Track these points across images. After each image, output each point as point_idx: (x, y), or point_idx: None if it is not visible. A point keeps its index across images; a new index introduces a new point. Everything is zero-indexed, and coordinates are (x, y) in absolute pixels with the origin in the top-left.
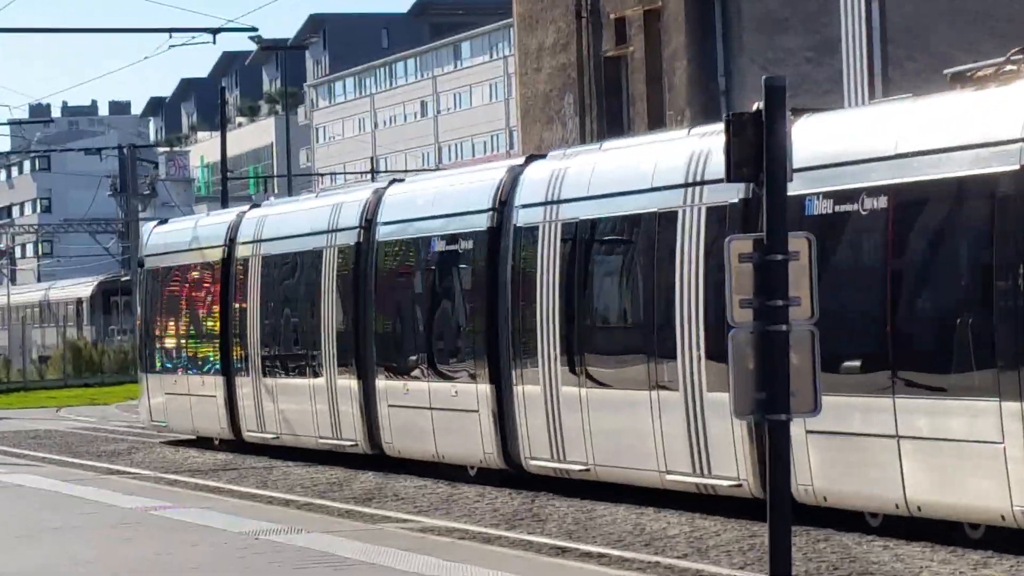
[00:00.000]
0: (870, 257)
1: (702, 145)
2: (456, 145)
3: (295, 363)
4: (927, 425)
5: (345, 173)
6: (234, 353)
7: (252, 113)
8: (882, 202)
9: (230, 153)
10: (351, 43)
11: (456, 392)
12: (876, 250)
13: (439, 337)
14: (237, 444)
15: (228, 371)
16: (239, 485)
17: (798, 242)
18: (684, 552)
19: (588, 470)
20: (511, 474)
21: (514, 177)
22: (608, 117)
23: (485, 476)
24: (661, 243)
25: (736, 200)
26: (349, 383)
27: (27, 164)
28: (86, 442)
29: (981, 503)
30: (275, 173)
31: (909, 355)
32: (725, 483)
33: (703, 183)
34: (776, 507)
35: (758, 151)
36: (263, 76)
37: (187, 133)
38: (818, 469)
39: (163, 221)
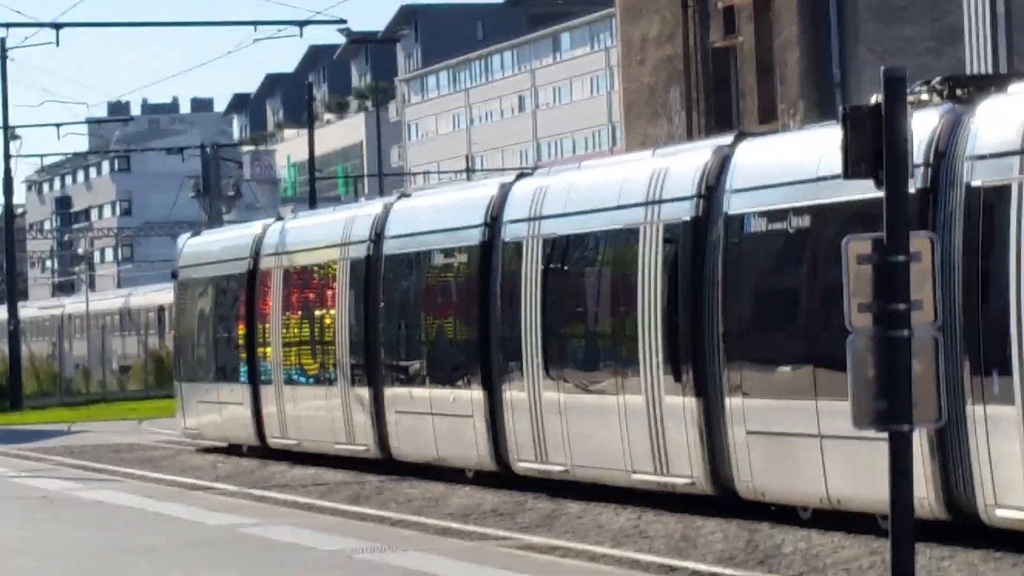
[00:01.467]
0: (797, 271)
1: (662, 164)
2: (556, 142)
3: (313, 372)
4: (845, 425)
5: (439, 172)
6: (259, 363)
7: (340, 110)
8: (807, 220)
9: (318, 152)
10: (444, 35)
11: (454, 398)
12: (801, 264)
13: (439, 346)
14: (263, 451)
15: (254, 380)
16: (329, 500)
17: (920, 242)
18: (800, 570)
19: (567, 471)
20: (503, 475)
21: (504, 194)
22: (716, 111)
23: (480, 478)
24: (626, 258)
25: (688, 218)
26: (361, 391)
27: (106, 165)
28: (169, 455)
29: (887, 496)
30: (365, 172)
31: (829, 361)
32: (681, 481)
33: (661, 201)
34: (898, 522)
35: (877, 146)
36: (352, 71)
37: (273, 131)
38: (757, 467)
39: (196, 232)
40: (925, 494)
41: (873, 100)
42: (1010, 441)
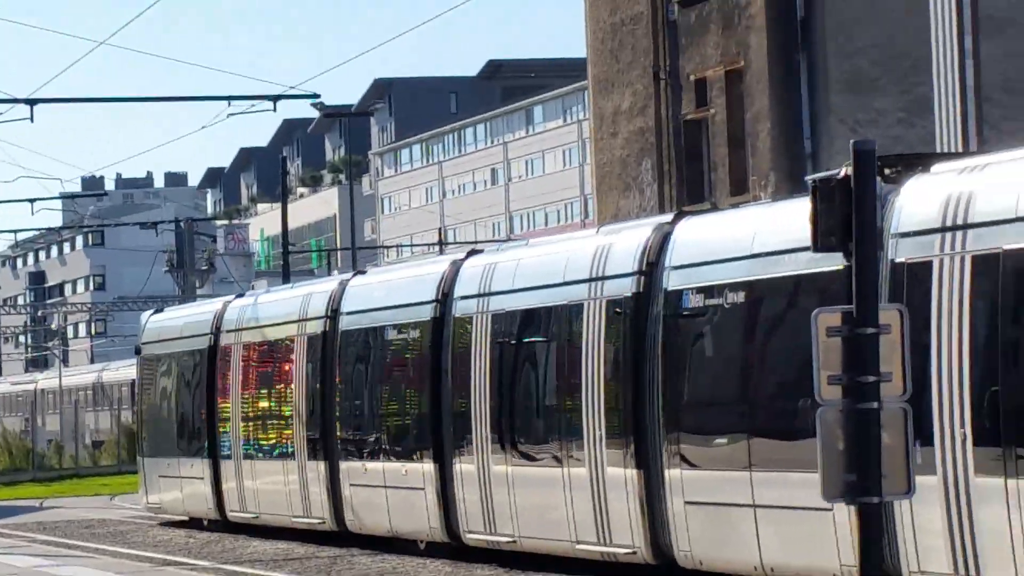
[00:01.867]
0: (732, 345)
1: (606, 242)
2: (528, 214)
3: (271, 446)
4: (776, 495)
5: (412, 245)
6: (219, 437)
7: (314, 183)
8: (741, 296)
9: (291, 225)
10: (418, 108)
11: (406, 471)
12: (737, 339)
13: (392, 420)
14: (223, 524)
15: (214, 454)
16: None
17: (889, 315)
18: None
19: (515, 541)
20: (454, 547)
21: (455, 270)
22: (688, 184)
23: (432, 550)
24: (571, 333)
25: (629, 294)
26: (317, 464)
27: (80, 239)
28: (139, 530)
29: (818, 563)
30: (338, 246)
31: (762, 432)
32: (623, 551)
33: (604, 278)
34: None
35: (846, 219)
36: (326, 144)
37: (246, 205)
38: (695, 536)
39: (159, 309)
40: (854, 560)
41: (842, 172)
42: (931, 509)
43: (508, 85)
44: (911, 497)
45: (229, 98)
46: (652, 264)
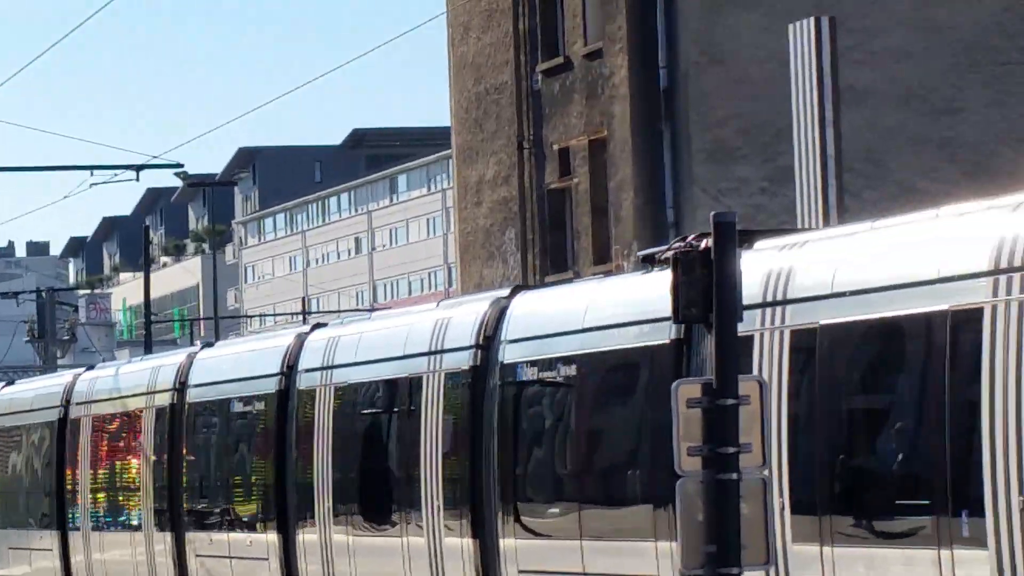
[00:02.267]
0: (564, 418)
1: (445, 315)
2: (392, 283)
3: (119, 518)
4: (604, 563)
5: (275, 315)
6: (68, 509)
7: (178, 252)
8: (572, 369)
9: (154, 295)
10: (282, 177)
11: (251, 542)
12: (568, 411)
13: (238, 492)
14: None
15: (63, 527)
16: None
17: (749, 386)
18: None
19: None
20: None
21: (300, 343)
22: (552, 252)
23: None
24: (411, 405)
25: (467, 367)
26: (164, 535)
27: None
28: None
29: None
30: (201, 315)
31: (591, 504)
32: None
33: (443, 351)
34: None
35: (707, 290)
36: (189, 213)
37: (109, 274)
38: None
39: (11, 381)
40: None
41: (703, 245)
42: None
43: (372, 154)
44: (769, 568)
45: (92, 167)
46: (489, 338)
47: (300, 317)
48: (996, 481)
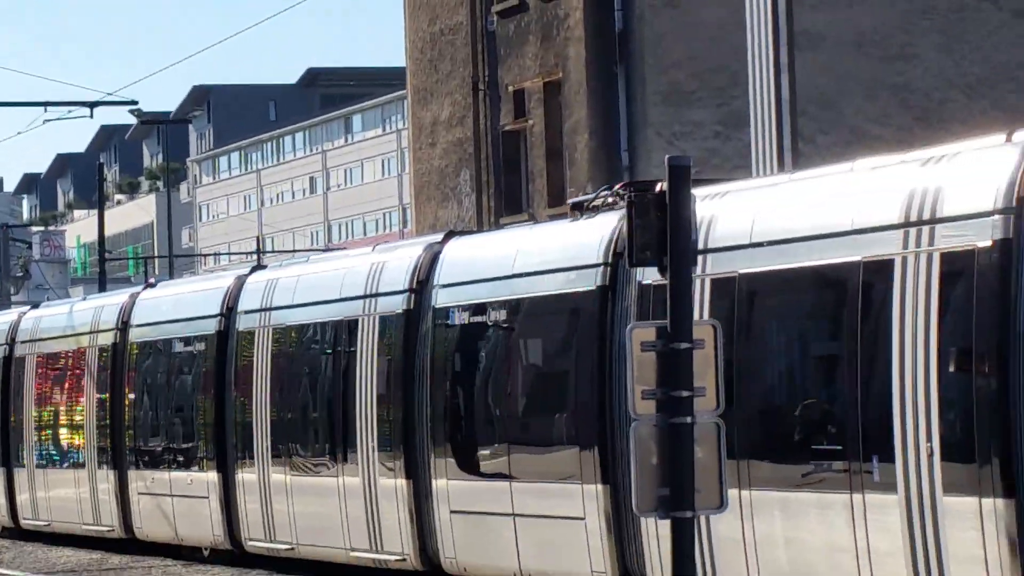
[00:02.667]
0: (494, 361)
1: (380, 260)
2: (347, 223)
3: (63, 455)
4: (533, 505)
5: (230, 253)
6: (13, 447)
7: (132, 190)
8: (502, 313)
9: (109, 232)
10: (237, 116)
11: (191, 480)
12: (498, 355)
13: (179, 431)
14: (17, 532)
15: (8, 463)
16: None
17: (703, 330)
18: None
19: (292, 549)
20: (237, 554)
21: (240, 285)
22: (506, 194)
23: (216, 557)
24: (346, 348)
25: (400, 311)
26: (107, 473)
27: None
28: None
29: (572, 569)
30: (155, 253)
31: (520, 446)
32: (393, 558)
33: (378, 295)
34: None
35: (661, 234)
36: (144, 151)
37: (63, 211)
38: (460, 544)
39: None
40: (603, 569)
41: (657, 187)
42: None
43: (327, 93)
44: (723, 511)
45: (46, 104)
46: (422, 282)
47: (254, 256)
48: (906, 428)
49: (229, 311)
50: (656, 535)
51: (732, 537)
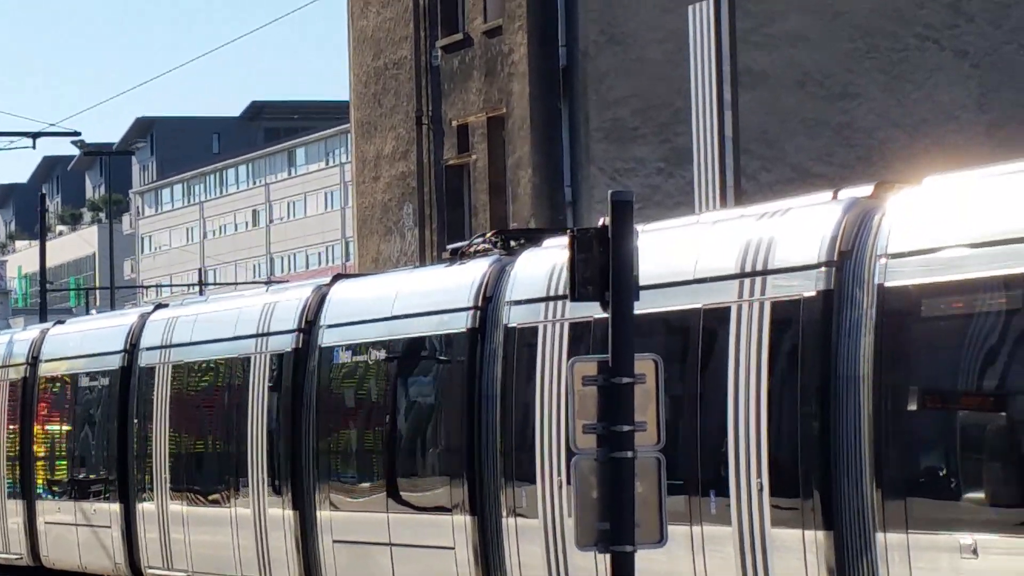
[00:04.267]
0: (373, 399)
1: (273, 300)
2: (290, 256)
3: None
4: (408, 535)
5: (172, 285)
6: None
7: (74, 221)
8: (382, 353)
9: (50, 263)
10: (180, 148)
11: (95, 510)
12: (377, 393)
13: (85, 462)
14: None
15: None
16: None
17: (644, 364)
18: None
19: None
20: None
21: (143, 323)
22: (449, 228)
23: None
24: (240, 385)
25: (290, 350)
26: (16, 503)
27: None
28: None
29: None
30: (97, 285)
31: (397, 479)
32: None
33: (269, 334)
34: None
35: (604, 269)
36: (86, 182)
37: (5, 242)
38: (341, 571)
39: None
40: None
41: (600, 222)
42: (535, 547)
43: (271, 126)
44: (663, 546)
45: None
46: (311, 322)
47: (196, 288)
48: (739, 464)
49: (132, 347)
50: (518, 564)
51: (584, 566)
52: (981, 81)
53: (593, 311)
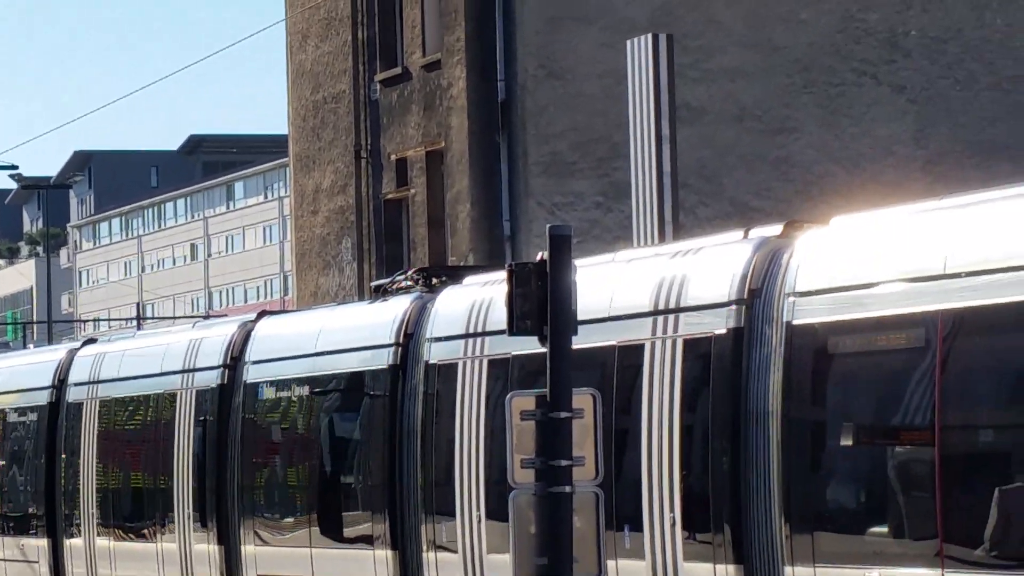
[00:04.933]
0: (297, 435)
1: (199, 336)
2: (228, 290)
3: None
4: (330, 569)
5: (110, 319)
6: None
7: (11, 255)
8: (305, 389)
9: None
10: (118, 181)
11: (23, 545)
12: (303, 428)
13: (13, 498)
14: None
15: None
16: None
17: (582, 399)
18: None
19: None
20: None
21: (71, 358)
22: (388, 263)
23: None
24: (166, 420)
25: (215, 385)
26: None
27: None
28: None
29: None
30: (34, 319)
31: (320, 514)
32: None
33: (195, 370)
34: None
35: (542, 303)
36: (24, 216)
37: None
38: None
39: None
40: None
41: (539, 257)
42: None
43: (209, 160)
44: None
45: None
46: (236, 359)
47: (134, 323)
48: (652, 500)
49: (61, 383)
50: None
51: None
52: (918, 116)
53: (512, 348)
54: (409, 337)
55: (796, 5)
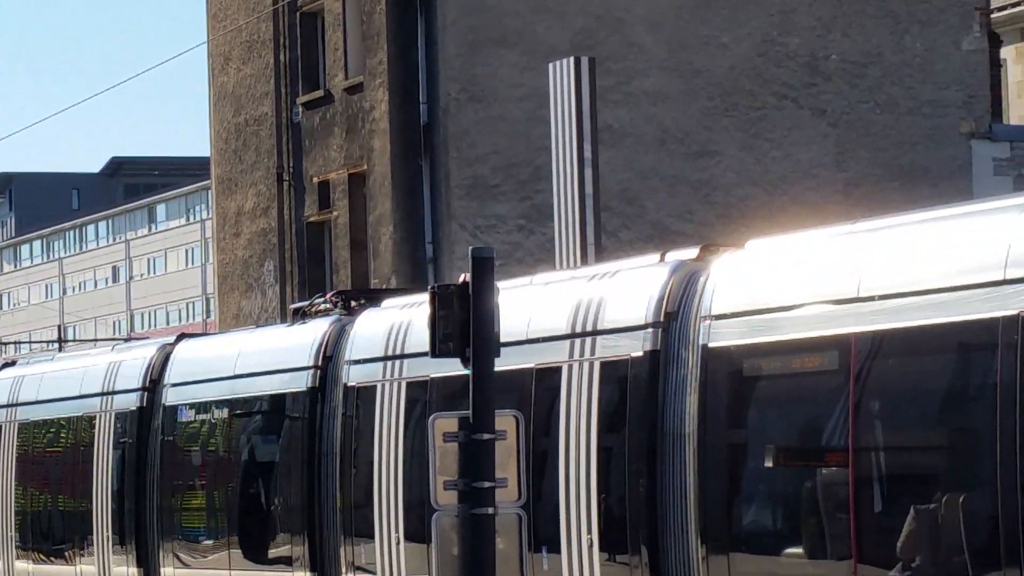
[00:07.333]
0: (216, 456)
1: (118, 359)
2: (150, 313)
3: None
4: None
5: (31, 342)
6: None
7: None
8: (224, 411)
9: None
10: (39, 203)
11: None
12: (222, 450)
13: None
14: None
15: None
16: None
17: (505, 421)
18: None
19: None
20: None
21: None
22: (310, 285)
23: None
24: (85, 442)
25: (134, 408)
26: None
27: None
28: None
29: None
30: None
31: (239, 536)
32: None
33: (114, 392)
34: None
35: (464, 326)
36: None
37: None
38: None
39: None
40: None
41: (461, 279)
42: None
43: (131, 183)
44: None
45: None
46: (155, 381)
47: (56, 345)
48: (570, 521)
49: None
50: None
51: None
52: (838, 140)
53: (430, 370)
54: (328, 360)
55: (717, 29)
